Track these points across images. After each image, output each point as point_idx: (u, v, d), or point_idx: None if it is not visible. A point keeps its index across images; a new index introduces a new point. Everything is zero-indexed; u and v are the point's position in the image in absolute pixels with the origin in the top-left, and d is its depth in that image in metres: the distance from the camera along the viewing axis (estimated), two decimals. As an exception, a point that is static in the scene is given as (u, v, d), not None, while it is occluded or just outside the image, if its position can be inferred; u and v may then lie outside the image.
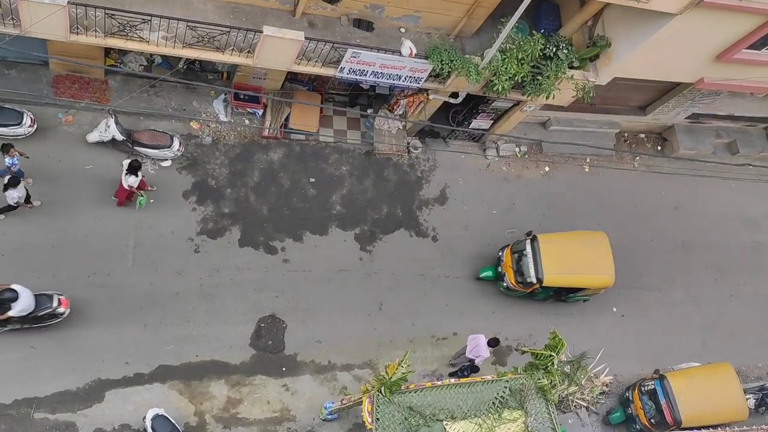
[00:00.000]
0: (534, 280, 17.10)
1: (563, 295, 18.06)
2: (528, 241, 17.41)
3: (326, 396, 16.12)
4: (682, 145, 21.60)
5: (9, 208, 15.23)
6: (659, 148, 22.20)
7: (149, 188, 16.47)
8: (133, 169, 15.29)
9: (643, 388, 17.49)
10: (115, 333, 15.40)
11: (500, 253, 17.98)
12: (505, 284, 17.72)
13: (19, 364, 14.66)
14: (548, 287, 17.36)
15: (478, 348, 16.13)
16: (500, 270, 17.81)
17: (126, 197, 16.04)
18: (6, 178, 14.56)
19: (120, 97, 16.73)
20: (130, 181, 15.45)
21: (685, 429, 16.82)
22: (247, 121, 18.11)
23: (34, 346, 14.80)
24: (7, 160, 14.83)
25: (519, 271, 17.37)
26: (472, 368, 16.45)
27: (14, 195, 14.72)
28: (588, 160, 20.88)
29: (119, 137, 16.10)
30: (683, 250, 20.71)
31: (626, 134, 21.81)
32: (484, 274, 18.05)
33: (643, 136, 22.11)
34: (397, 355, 13.75)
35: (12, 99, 15.92)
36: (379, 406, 12.75)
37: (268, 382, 16.09)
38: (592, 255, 17.45)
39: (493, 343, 16.16)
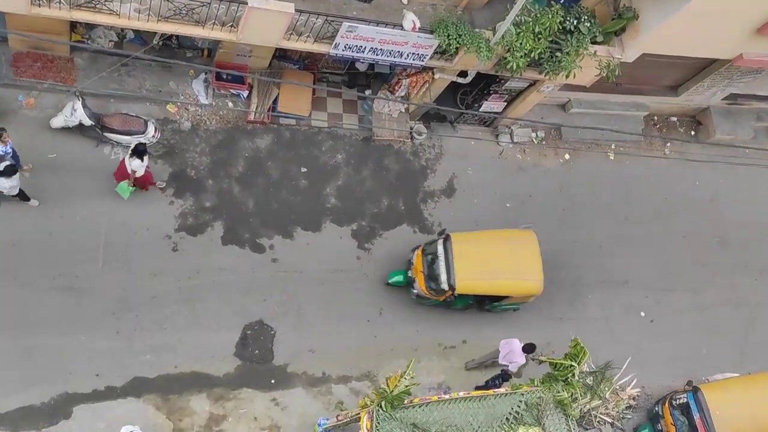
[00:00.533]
0: (446, 287, 16.56)
1: (486, 303, 17.65)
2: (440, 242, 16.85)
3: (320, 412, 16.18)
4: (718, 129, 21.63)
5: (21, 195, 15.34)
6: (693, 132, 22.24)
7: (157, 184, 16.62)
8: (139, 152, 15.34)
9: (674, 402, 17.54)
10: (84, 341, 15.44)
11: (411, 255, 17.49)
12: (415, 291, 17.12)
13: (-23, 376, 14.73)
14: (465, 295, 16.88)
15: (512, 354, 16.12)
16: (410, 275, 17.23)
17: (143, 181, 16.05)
18: (1, 166, 14.53)
19: (88, 77, 16.70)
20: (134, 165, 15.44)
21: (721, 447, 16.84)
22: (230, 104, 18.16)
23: (-7, 357, 14.88)
24: (0, 148, 14.82)
25: (431, 276, 16.72)
26: (503, 377, 16.42)
27: (5, 185, 14.72)
28: (613, 147, 20.91)
29: (87, 122, 16.07)
30: (719, 247, 20.76)
31: (656, 117, 21.79)
32: (393, 280, 17.53)
33: (674, 119, 22.12)
34: (400, 366, 13.71)
35: (-34, 80, 15.97)
36: (379, 423, 12.73)
37: (255, 396, 16.14)
38: (516, 258, 16.78)
39: (528, 348, 16.11)
